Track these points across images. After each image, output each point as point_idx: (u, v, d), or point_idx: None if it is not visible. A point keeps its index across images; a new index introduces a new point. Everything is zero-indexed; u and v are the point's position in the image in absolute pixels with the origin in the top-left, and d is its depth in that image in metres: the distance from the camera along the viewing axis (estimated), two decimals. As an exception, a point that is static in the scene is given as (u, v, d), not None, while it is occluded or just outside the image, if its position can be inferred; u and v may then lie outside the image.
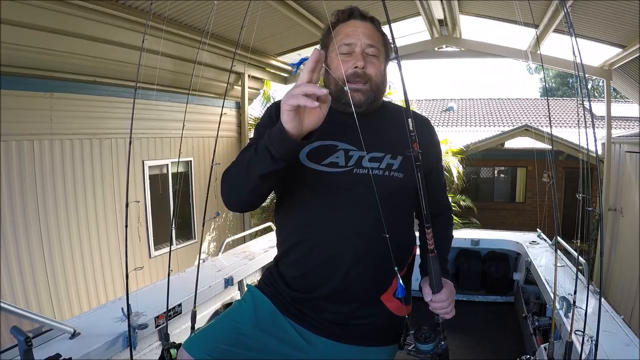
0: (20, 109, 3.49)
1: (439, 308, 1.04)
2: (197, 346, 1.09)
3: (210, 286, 2.32)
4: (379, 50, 1.11)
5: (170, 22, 4.09)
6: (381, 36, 1.14)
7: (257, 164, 0.92)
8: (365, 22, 1.12)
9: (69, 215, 3.98)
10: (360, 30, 1.09)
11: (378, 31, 1.13)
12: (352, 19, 1.12)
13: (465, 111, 14.45)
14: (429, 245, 0.99)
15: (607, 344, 1.56)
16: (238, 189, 1.01)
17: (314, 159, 1.07)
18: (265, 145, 0.90)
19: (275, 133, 0.88)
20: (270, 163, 0.90)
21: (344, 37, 1.10)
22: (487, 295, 3.45)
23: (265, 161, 0.91)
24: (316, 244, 1.08)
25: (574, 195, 1.77)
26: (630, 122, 10.58)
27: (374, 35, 1.11)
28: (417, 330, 1.09)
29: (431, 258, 1.00)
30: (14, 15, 3.03)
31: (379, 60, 1.11)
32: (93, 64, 3.97)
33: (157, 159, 5.09)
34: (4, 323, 1.53)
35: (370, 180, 0.99)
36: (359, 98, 1.07)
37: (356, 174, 1.06)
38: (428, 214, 0.95)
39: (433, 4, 5.00)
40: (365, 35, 1.09)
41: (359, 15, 1.13)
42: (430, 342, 1.06)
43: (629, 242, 5.40)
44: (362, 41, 1.08)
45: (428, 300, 1.05)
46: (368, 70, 1.08)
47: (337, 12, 1.14)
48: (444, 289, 1.04)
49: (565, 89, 21.67)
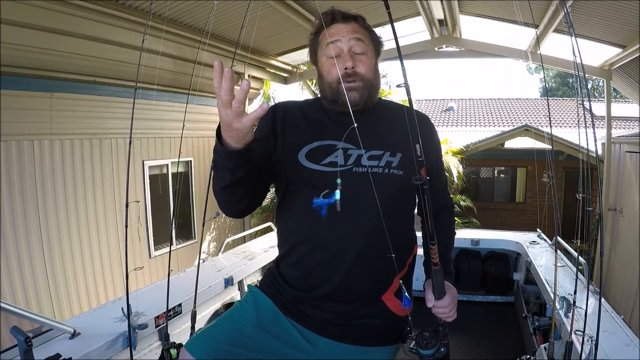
0: (20, 109, 3.49)
1: (441, 313, 1.07)
2: (198, 347, 1.09)
3: (210, 286, 2.32)
4: (367, 46, 1.11)
5: (170, 22, 4.08)
6: (367, 32, 1.13)
7: (219, 179, 0.98)
8: (348, 23, 1.11)
9: (69, 215, 3.98)
10: (345, 30, 1.10)
11: (363, 28, 1.12)
12: (335, 23, 1.11)
13: (465, 111, 14.45)
14: (433, 259, 1.01)
15: (607, 344, 1.56)
16: (223, 202, 1.05)
17: (312, 159, 1.08)
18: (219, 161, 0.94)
19: (220, 150, 0.91)
20: (227, 175, 0.94)
21: (330, 38, 1.10)
22: (487, 295, 3.45)
23: (223, 174, 0.95)
24: (317, 243, 1.08)
25: (574, 195, 1.78)
26: (630, 122, 10.58)
27: (359, 33, 1.10)
28: (418, 335, 1.11)
29: (435, 270, 1.03)
30: (14, 15, 3.03)
31: (368, 56, 1.11)
32: (93, 64, 3.97)
33: (157, 159, 5.09)
34: (4, 323, 1.53)
35: (369, 178, 1.00)
36: (354, 97, 1.08)
37: (356, 172, 1.06)
38: (433, 231, 0.97)
39: (433, 4, 5.00)
40: (350, 34, 1.09)
41: (341, 18, 1.12)
42: (431, 348, 1.08)
43: (629, 242, 5.40)
44: (349, 41, 1.09)
45: (430, 307, 1.07)
46: (358, 68, 1.08)
47: (320, 17, 1.14)
48: (447, 295, 1.06)
49: (565, 89, 21.68)
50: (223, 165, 0.93)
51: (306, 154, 1.08)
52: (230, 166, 0.92)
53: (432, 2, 4.95)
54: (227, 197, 1.02)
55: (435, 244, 0.99)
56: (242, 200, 1.03)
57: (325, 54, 1.11)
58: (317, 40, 1.15)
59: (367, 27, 1.14)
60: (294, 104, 1.21)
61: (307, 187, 1.08)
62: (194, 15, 4.31)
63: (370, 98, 1.12)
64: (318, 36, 1.14)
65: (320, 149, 1.08)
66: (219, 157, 0.92)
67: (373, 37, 1.15)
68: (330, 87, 1.10)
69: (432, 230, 0.97)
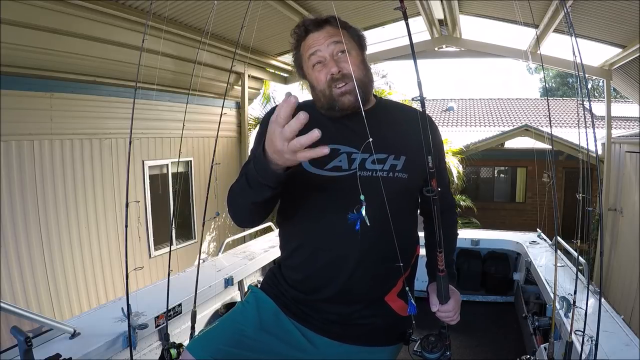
0: (20, 109, 3.49)
1: (445, 317, 1.08)
2: (200, 348, 1.09)
3: (210, 286, 2.32)
4: (348, 45, 1.07)
5: (170, 22, 4.09)
6: (345, 30, 1.10)
7: (250, 195, 0.95)
8: (323, 29, 1.09)
9: (69, 215, 3.98)
10: (322, 37, 1.08)
11: (340, 27, 1.09)
12: (310, 33, 1.10)
13: (465, 111, 14.45)
14: (440, 266, 1.02)
15: (607, 344, 1.56)
16: (243, 215, 1.05)
17: (317, 164, 1.06)
18: (257, 179, 0.90)
19: (262, 169, 0.88)
20: (264, 191, 0.92)
21: (309, 49, 1.09)
22: (487, 295, 3.45)
23: (260, 191, 0.92)
24: (321, 248, 1.08)
25: (574, 195, 1.78)
26: (630, 122, 10.58)
27: (336, 36, 1.07)
28: (424, 339, 1.12)
29: (442, 277, 1.04)
30: (14, 15, 3.03)
31: (352, 54, 1.08)
32: (93, 64, 3.97)
33: (157, 159, 5.09)
34: (4, 323, 1.52)
35: (374, 181, 1.00)
36: (349, 100, 1.05)
37: (360, 176, 1.05)
38: (442, 240, 0.98)
39: (433, 4, 5.00)
40: (327, 39, 1.07)
41: (313, 26, 1.09)
42: (436, 352, 1.09)
43: (629, 242, 5.40)
44: (328, 47, 1.07)
45: (435, 311, 1.08)
46: (344, 70, 1.06)
47: (293, 31, 1.13)
48: (451, 299, 1.07)
49: (565, 89, 21.68)
50: (262, 184, 0.90)
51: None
52: (272, 185, 0.90)
53: (432, 2, 4.96)
54: (254, 211, 1.02)
55: (442, 251, 1.00)
56: (266, 213, 1.04)
57: (309, 65, 1.10)
58: (299, 56, 1.13)
59: (343, 24, 1.11)
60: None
61: (311, 192, 1.08)
62: (194, 15, 4.31)
63: (366, 95, 1.11)
64: (299, 51, 1.13)
65: None
66: (260, 176, 0.89)
67: (352, 33, 1.13)
68: (323, 95, 1.08)
69: (440, 239, 0.98)
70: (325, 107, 1.09)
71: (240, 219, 1.08)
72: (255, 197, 0.94)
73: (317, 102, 1.12)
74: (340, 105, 1.06)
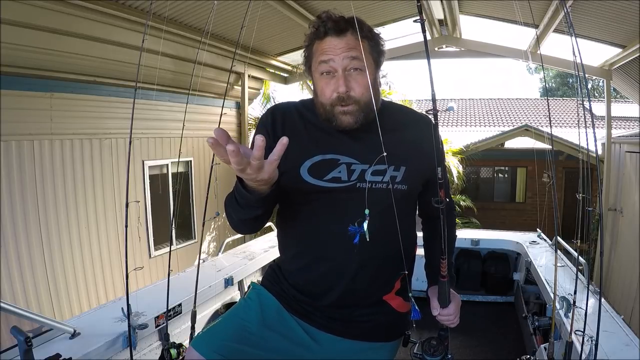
0: (20, 109, 3.49)
1: (445, 320, 1.10)
2: (205, 345, 1.09)
3: (210, 286, 2.32)
4: (364, 62, 0.98)
5: (170, 22, 4.09)
6: (367, 42, 1.03)
7: (241, 213, 0.97)
8: (343, 37, 1.00)
9: (69, 215, 3.98)
10: (339, 48, 1.00)
11: (363, 38, 1.00)
12: (329, 36, 1.01)
13: (465, 111, 14.45)
14: (442, 271, 1.03)
15: (607, 344, 1.56)
16: (241, 227, 1.06)
17: (315, 174, 1.05)
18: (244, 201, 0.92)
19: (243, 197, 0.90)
20: (254, 210, 0.94)
21: (322, 55, 1.02)
22: (487, 295, 3.45)
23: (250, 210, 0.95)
24: (319, 257, 1.09)
25: (574, 195, 1.77)
26: (630, 122, 10.58)
27: (355, 49, 0.99)
28: (425, 342, 1.13)
29: (444, 282, 1.05)
30: (14, 15, 3.03)
31: (365, 74, 1.00)
32: (93, 64, 3.97)
33: (157, 159, 5.09)
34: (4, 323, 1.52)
35: (373, 193, 1.01)
36: (348, 121, 1.02)
37: (359, 188, 1.04)
38: (445, 247, 1.00)
39: (433, 4, 5.00)
40: (344, 52, 0.99)
41: (334, 31, 1.00)
42: (437, 355, 1.10)
43: (629, 242, 5.40)
44: (343, 60, 1.00)
45: (435, 314, 1.09)
46: (352, 92, 1.00)
47: (312, 25, 1.04)
48: (452, 303, 1.08)
49: (565, 89, 21.67)
50: (249, 205, 0.92)
51: (308, 168, 1.05)
52: (259, 205, 0.92)
53: (432, 2, 4.96)
54: (250, 224, 1.04)
55: (445, 258, 1.01)
56: (263, 222, 1.05)
57: (318, 70, 1.04)
58: (310, 52, 1.06)
59: (366, 34, 1.03)
60: (293, 107, 1.15)
61: (310, 202, 1.08)
62: (194, 15, 4.31)
63: (366, 119, 1.03)
64: (311, 48, 1.06)
65: (323, 163, 1.05)
66: (244, 199, 0.91)
67: (372, 46, 1.05)
68: (324, 108, 1.04)
69: (445, 247, 1.00)
70: (323, 117, 1.06)
71: (239, 230, 1.09)
72: (247, 215, 0.96)
73: (317, 109, 1.08)
74: (338, 123, 1.03)
